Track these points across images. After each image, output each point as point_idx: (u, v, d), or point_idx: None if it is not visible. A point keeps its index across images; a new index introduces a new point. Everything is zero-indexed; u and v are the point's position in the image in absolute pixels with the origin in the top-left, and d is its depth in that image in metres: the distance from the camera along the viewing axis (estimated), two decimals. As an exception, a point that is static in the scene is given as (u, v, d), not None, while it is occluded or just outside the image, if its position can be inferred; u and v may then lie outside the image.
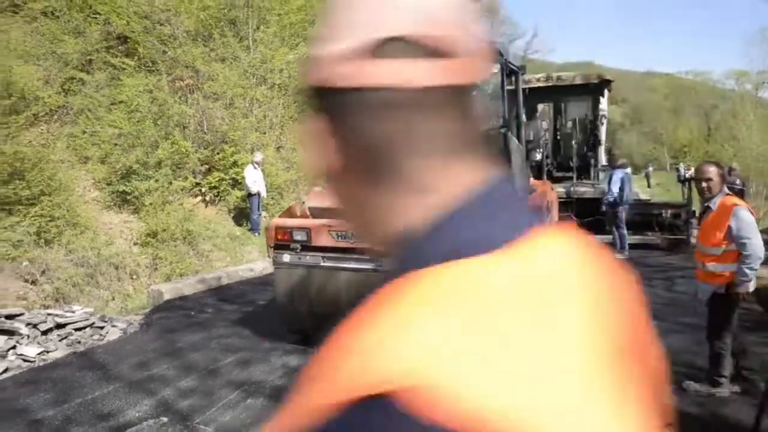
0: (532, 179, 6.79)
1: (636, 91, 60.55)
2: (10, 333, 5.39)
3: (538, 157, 11.99)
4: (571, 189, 11.02)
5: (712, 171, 3.94)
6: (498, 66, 5.46)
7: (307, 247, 4.67)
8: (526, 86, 12.53)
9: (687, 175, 15.68)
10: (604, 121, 12.78)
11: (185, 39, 11.22)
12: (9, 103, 8.25)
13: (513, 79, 6.24)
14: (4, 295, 6.09)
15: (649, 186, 34.34)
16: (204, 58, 11.17)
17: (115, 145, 9.31)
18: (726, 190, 3.98)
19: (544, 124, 12.22)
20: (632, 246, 10.36)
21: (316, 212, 5.11)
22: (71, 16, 10.62)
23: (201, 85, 10.95)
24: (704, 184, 3.93)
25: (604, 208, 10.34)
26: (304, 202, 5.19)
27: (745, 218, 3.72)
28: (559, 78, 12.37)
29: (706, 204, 4.02)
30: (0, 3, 9.83)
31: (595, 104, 12.28)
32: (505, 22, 40.68)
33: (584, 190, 11.07)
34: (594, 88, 12.08)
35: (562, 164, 12.22)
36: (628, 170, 11.07)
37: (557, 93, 12.49)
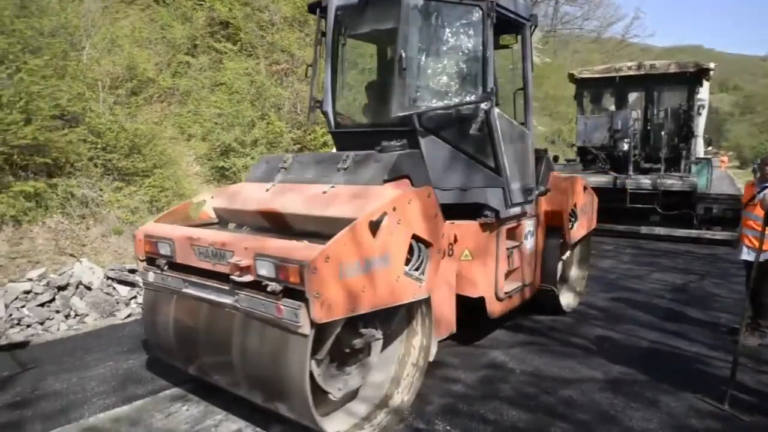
0: (556, 175, 5.73)
1: (752, 77, 55.79)
2: (131, 285, 6.24)
3: (626, 147, 11.75)
4: (658, 181, 10.71)
5: None
6: (478, 13, 4.06)
7: (174, 264, 3.59)
8: (617, 74, 12.26)
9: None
10: (703, 111, 12.19)
11: (282, 25, 11.87)
12: (131, 85, 9.20)
13: (519, 36, 4.86)
14: (124, 254, 6.96)
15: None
16: (299, 43, 11.77)
17: (216, 124, 10.08)
18: None
19: (634, 114, 11.87)
20: (719, 242, 9.99)
21: (225, 215, 4.21)
22: (179, 3, 11.52)
23: (296, 69, 11.55)
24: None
25: None
26: (204, 201, 4.24)
27: None
28: (652, 66, 11.92)
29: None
30: (120, -8, 10.83)
31: (691, 93, 11.75)
32: (602, 3, 38.90)
33: (671, 182, 10.71)
34: (690, 76, 11.54)
35: (651, 155, 11.83)
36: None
37: (650, 81, 12.04)
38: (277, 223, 3.74)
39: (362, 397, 3.65)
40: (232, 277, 3.06)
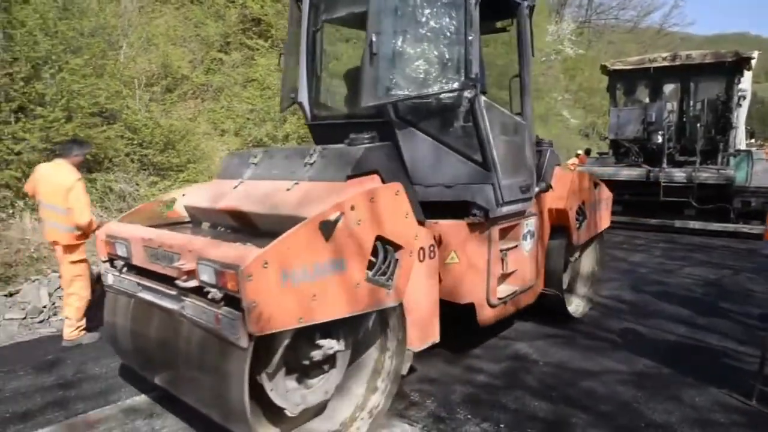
0: (561, 170, 5.25)
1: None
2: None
3: (660, 139, 11.51)
4: (693, 174, 10.48)
5: None
6: None
7: (131, 266, 3.46)
8: (651, 65, 12.00)
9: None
10: (744, 102, 11.84)
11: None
12: (166, 82, 9.49)
13: (515, 19, 4.43)
14: (159, 247, 7.22)
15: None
16: (329, 39, 11.89)
17: (248, 119, 10.32)
18: None
19: (669, 106, 11.62)
20: (758, 237, 9.73)
21: (196, 214, 3.91)
22: (213, 1, 11.79)
23: (327, 64, 11.70)
24: None
25: None
26: (175, 199, 4.01)
27: None
28: (688, 56, 11.63)
29: None
30: (156, -8, 11.13)
31: (730, 84, 11.41)
32: (638, -8, 37.89)
33: (707, 175, 10.46)
34: (729, 66, 11.21)
35: (687, 148, 11.57)
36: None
37: (686, 72, 11.75)
38: (244, 223, 3.47)
39: (329, 412, 3.39)
40: (176, 282, 2.87)
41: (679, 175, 10.68)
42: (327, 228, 2.75)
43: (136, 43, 9.51)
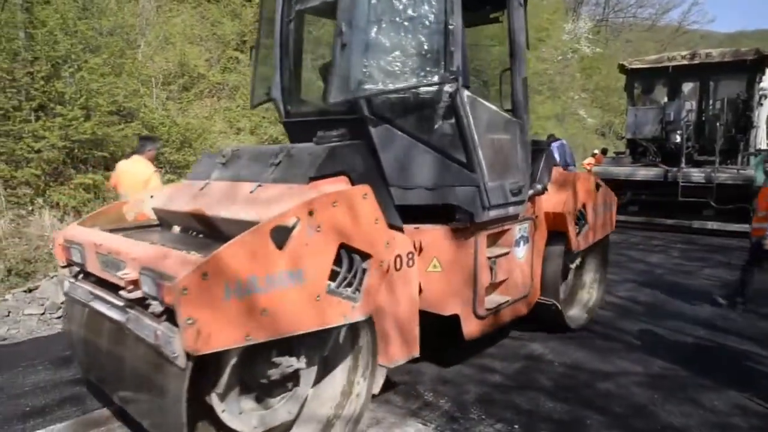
0: (561, 171, 4.96)
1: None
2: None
3: (678, 139, 11.37)
4: (712, 174, 10.33)
5: None
6: None
7: (87, 273, 3.24)
8: (669, 64, 11.84)
9: None
10: (765, 101, 11.66)
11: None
12: (182, 81, 9.58)
13: (507, 11, 4.13)
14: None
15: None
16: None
17: (263, 118, 10.37)
18: None
19: (688, 105, 11.48)
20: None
21: (164, 217, 3.65)
22: (229, 0, 11.87)
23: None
24: None
25: None
26: (142, 201, 3.75)
27: None
28: (708, 55, 11.46)
29: None
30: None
31: (751, 83, 11.23)
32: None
33: (726, 175, 10.31)
34: (750, 64, 11.02)
35: (705, 147, 11.41)
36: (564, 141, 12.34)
37: (705, 71, 11.59)
38: (209, 227, 3.22)
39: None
40: (121, 292, 2.68)
41: (697, 175, 10.55)
42: (280, 235, 2.49)
43: (154, 42, 9.62)
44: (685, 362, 4.39)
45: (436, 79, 3.38)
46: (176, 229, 3.63)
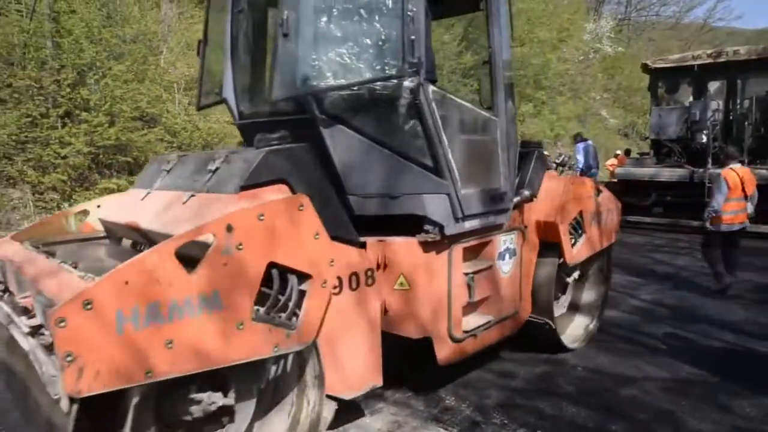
0: (554, 176, 4.48)
1: None
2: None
3: (704, 139, 11.15)
4: (740, 174, 10.08)
5: None
6: None
7: (10, 292, 2.85)
8: (695, 63, 11.62)
9: None
10: (796, 99, 11.40)
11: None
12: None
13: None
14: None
15: None
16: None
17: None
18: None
19: (714, 104, 11.25)
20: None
21: (111, 228, 3.34)
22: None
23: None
24: None
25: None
26: (87, 211, 3.47)
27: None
28: (735, 53, 11.23)
29: None
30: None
31: (780, 80, 10.99)
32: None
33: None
34: (780, 61, 10.79)
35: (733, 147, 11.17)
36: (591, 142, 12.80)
37: (732, 69, 11.36)
38: (148, 241, 2.91)
39: None
40: (21, 318, 2.38)
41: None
42: (188, 255, 2.18)
43: (176, 48, 9.75)
44: (713, 367, 4.28)
45: (393, 72, 2.99)
46: (127, 242, 3.32)
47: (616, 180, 12.70)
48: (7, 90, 7.57)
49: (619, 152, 17.03)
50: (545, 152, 4.74)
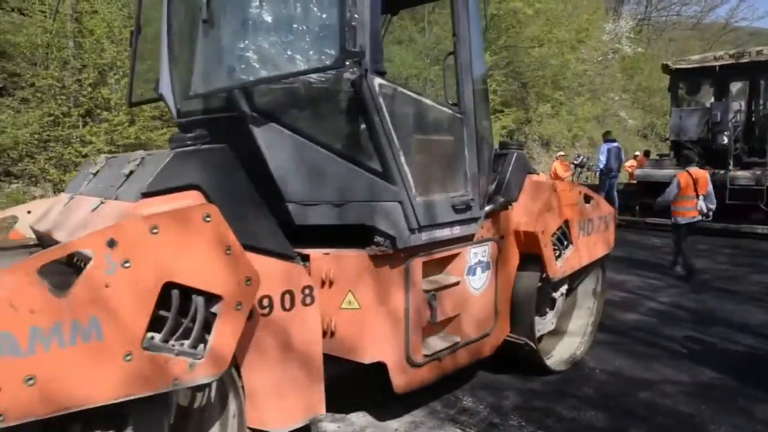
0: (537, 181, 3.96)
1: None
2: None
3: (725, 140, 10.99)
4: (762, 176, 9.95)
5: None
6: None
7: None
8: (716, 63, 11.45)
9: None
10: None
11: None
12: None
13: None
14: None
15: None
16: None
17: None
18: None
19: (736, 105, 11.10)
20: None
21: (42, 238, 2.95)
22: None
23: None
24: None
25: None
26: (16, 218, 3.17)
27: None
28: (758, 53, 11.06)
29: None
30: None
31: (804, 81, 10.82)
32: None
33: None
34: (804, 62, 10.61)
35: (756, 149, 11.01)
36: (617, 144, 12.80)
37: (755, 70, 11.20)
38: None
39: None
40: None
41: (746, 177, 10.19)
42: (59, 275, 1.92)
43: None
44: (734, 371, 4.22)
45: (329, 62, 2.59)
46: None
47: (635, 181, 12.58)
48: (30, 89, 7.73)
49: (638, 153, 16.86)
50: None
